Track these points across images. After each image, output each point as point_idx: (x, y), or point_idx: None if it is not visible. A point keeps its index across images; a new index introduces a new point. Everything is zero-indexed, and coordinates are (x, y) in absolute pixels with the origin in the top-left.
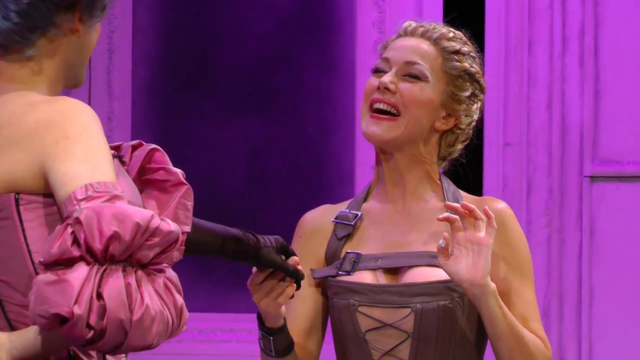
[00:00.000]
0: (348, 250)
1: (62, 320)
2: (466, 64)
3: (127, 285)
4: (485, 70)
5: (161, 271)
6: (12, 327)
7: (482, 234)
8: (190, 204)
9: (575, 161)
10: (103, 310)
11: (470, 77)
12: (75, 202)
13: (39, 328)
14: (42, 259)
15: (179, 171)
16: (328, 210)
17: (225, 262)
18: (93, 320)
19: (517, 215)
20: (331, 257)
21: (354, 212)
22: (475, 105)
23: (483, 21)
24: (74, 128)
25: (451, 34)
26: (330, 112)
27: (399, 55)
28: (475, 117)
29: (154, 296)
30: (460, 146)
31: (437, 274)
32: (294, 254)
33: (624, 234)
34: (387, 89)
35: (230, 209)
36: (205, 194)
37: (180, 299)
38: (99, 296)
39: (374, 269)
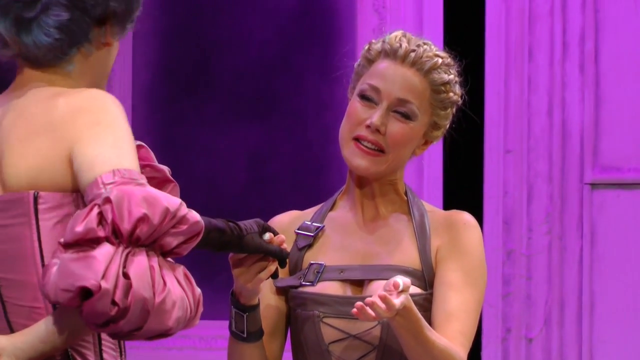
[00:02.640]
0: (312, 261)
1: (86, 295)
2: (451, 94)
3: (151, 268)
4: (486, 76)
5: (178, 264)
6: (12, 330)
7: (396, 301)
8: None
9: (576, 168)
10: (128, 288)
11: (452, 104)
12: (102, 185)
13: (45, 323)
14: (62, 239)
15: (165, 168)
16: (295, 217)
17: (226, 268)
18: (118, 297)
19: (518, 222)
20: (293, 268)
21: (316, 224)
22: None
23: (483, 27)
24: (104, 115)
25: (439, 61)
26: (330, 118)
27: (391, 89)
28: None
29: (175, 282)
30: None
31: None
32: (277, 233)
33: (625, 241)
34: (377, 130)
35: (231, 214)
36: (205, 199)
37: (198, 290)
38: (125, 275)
39: (338, 280)
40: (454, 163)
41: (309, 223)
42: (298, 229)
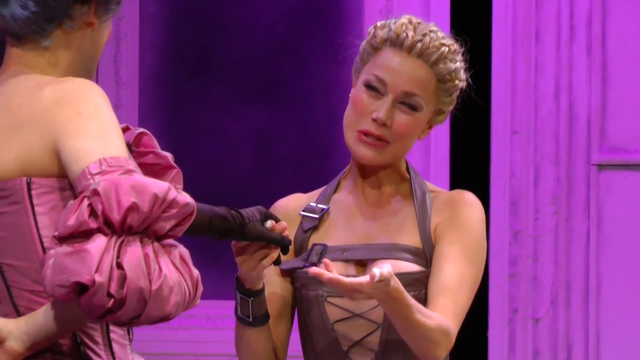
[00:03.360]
0: (315, 242)
1: (81, 289)
2: (457, 81)
3: (145, 256)
4: (493, 58)
5: (174, 246)
6: (19, 314)
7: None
8: (180, 187)
9: (583, 149)
10: (123, 279)
11: (457, 90)
12: (89, 176)
13: (49, 308)
14: (56, 233)
15: (168, 154)
16: (298, 200)
17: (230, 249)
18: (113, 289)
19: (525, 203)
20: (298, 249)
21: (321, 205)
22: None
23: (491, 10)
24: (86, 105)
25: (445, 50)
26: (336, 101)
27: (397, 83)
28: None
29: (171, 267)
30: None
31: (406, 266)
32: (279, 220)
33: (632, 222)
34: (384, 124)
35: (237, 198)
36: (211, 182)
37: (196, 271)
38: (119, 266)
39: (341, 260)
40: (461, 145)
41: (314, 204)
42: (303, 211)
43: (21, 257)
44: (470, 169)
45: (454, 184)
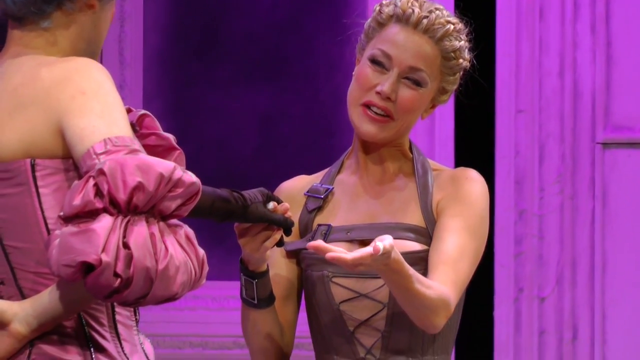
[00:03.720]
0: (319, 223)
1: (87, 269)
2: (461, 60)
3: (152, 235)
4: (497, 37)
5: (180, 225)
6: (23, 296)
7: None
8: (182, 168)
9: (587, 128)
10: (130, 259)
11: (461, 70)
12: (94, 156)
13: (54, 289)
14: (62, 213)
15: (170, 136)
16: (303, 181)
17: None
18: (120, 269)
19: (530, 182)
20: (303, 230)
21: (326, 186)
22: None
23: None
24: (89, 84)
25: (451, 28)
26: (341, 79)
27: (403, 57)
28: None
29: (177, 247)
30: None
31: (409, 245)
32: (281, 201)
33: (636, 200)
34: (388, 98)
35: (241, 177)
36: (216, 162)
37: (201, 251)
38: (125, 245)
39: (345, 241)
40: (466, 124)
41: (319, 185)
42: (308, 192)
43: (25, 239)
44: (474, 148)
45: (459, 163)
